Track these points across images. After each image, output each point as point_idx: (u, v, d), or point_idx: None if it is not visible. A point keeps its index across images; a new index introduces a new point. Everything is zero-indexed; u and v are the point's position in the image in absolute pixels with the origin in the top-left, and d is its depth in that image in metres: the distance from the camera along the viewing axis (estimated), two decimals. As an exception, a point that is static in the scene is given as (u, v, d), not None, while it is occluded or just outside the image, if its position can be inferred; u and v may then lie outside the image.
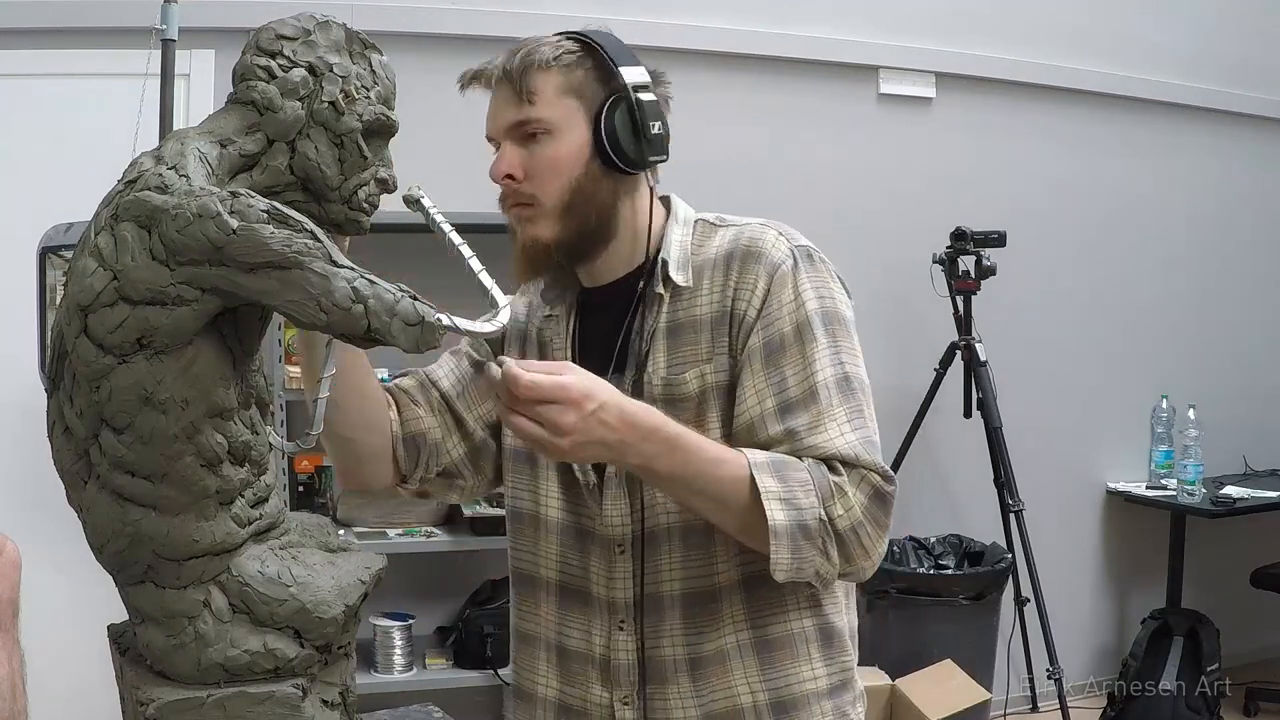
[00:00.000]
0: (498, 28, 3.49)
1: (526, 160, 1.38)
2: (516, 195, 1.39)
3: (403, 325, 1.00)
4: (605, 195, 1.39)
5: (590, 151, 1.37)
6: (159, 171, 1.03)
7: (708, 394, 1.38)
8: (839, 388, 1.34)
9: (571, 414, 1.19)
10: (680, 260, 1.41)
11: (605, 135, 1.36)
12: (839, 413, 1.33)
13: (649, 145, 1.37)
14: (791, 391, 1.34)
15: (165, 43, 2.57)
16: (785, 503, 1.27)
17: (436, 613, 3.47)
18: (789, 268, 1.37)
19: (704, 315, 1.39)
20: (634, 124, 1.36)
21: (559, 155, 1.37)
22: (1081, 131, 4.30)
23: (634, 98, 1.36)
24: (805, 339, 1.35)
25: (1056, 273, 4.27)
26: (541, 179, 1.37)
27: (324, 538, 1.23)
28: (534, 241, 1.39)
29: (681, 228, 1.44)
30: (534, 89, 1.37)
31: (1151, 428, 4.31)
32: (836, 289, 1.41)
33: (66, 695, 2.59)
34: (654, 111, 1.37)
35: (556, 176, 1.37)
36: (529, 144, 1.38)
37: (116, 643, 1.21)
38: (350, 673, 1.21)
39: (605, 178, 1.38)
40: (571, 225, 1.38)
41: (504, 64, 1.39)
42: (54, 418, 1.10)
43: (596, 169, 1.37)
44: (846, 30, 3.89)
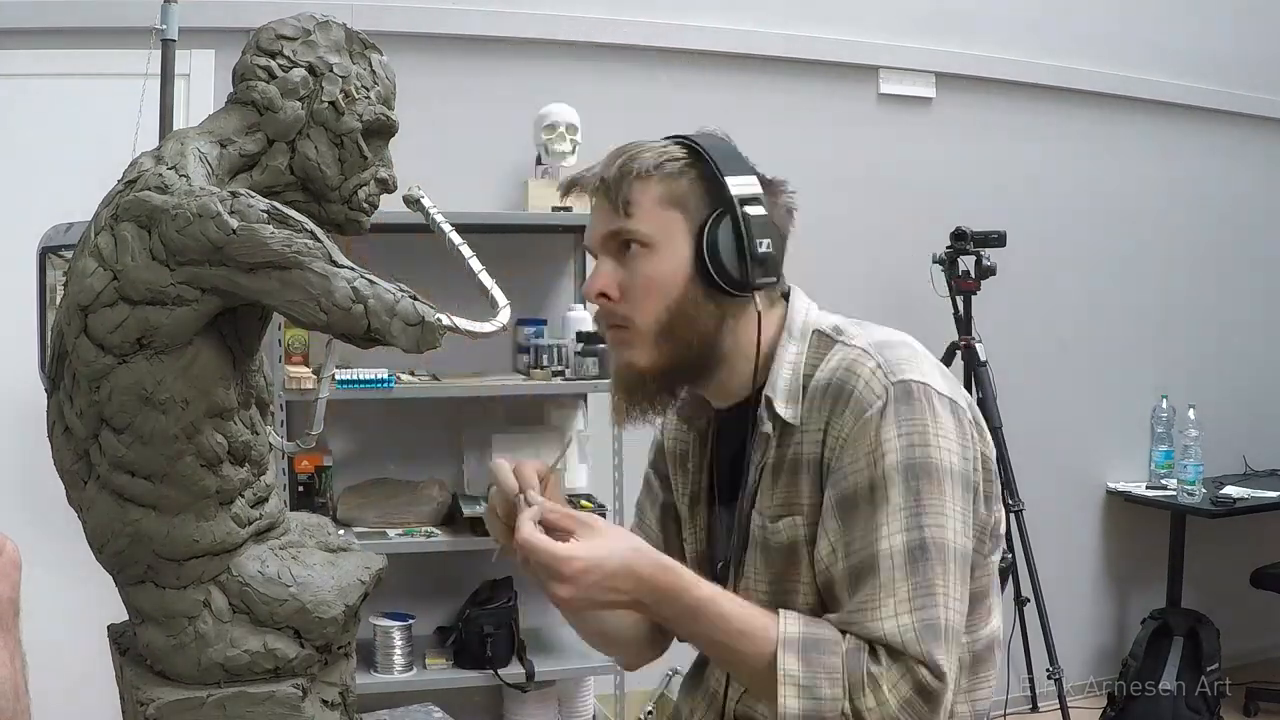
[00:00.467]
0: (498, 28, 3.49)
1: (623, 278, 1.27)
2: (611, 315, 1.29)
3: (403, 325, 1.00)
4: (707, 320, 1.27)
5: (692, 270, 1.26)
6: (159, 171, 1.03)
7: (799, 548, 1.27)
8: (907, 559, 1.19)
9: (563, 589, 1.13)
10: (789, 391, 1.29)
11: (707, 253, 1.25)
12: (900, 590, 1.18)
13: (756, 265, 1.25)
14: (855, 558, 1.21)
15: (165, 43, 2.57)
16: (804, 690, 1.16)
17: (436, 613, 3.47)
18: (877, 410, 1.22)
19: (805, 457, 1.27)
20: (739, 241, 1.25)
21: (656, 274, 1.26)
22: (1081, 131, 4.30)
23: (740, 211, 1.25)
24: (877, 499, 1.20)
25: (1056, 273, 4.26)
26: (637, 300, 1.27)
27: (324, 538, 1.23)
28: (629, 368, 1.29)
29: (796, 344, 1.31)
30: (631, 199, 1.26)
31: (1151, 428, 4.31)
32: (936, 433, 1.22)
33: (66, 695, 2.59)
34: (762, 228, 1.26)
35: (653, 297, 1.26)
36: (625, 258, 1.28)
37: (116, 643, 1.21)
38: (350, 673, 1.21)
39: (707, 300, 1.26)
40: (669, 351, 1.27)
41: (602, 171, 1.28)
42: (54, 418, 1.10)
43: (697, 290, 1.26)
44: (846, 30, 3.89)
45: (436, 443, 3.48)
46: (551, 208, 3.37)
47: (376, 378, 3.16)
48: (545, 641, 3.48)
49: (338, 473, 3.35)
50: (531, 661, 3.29)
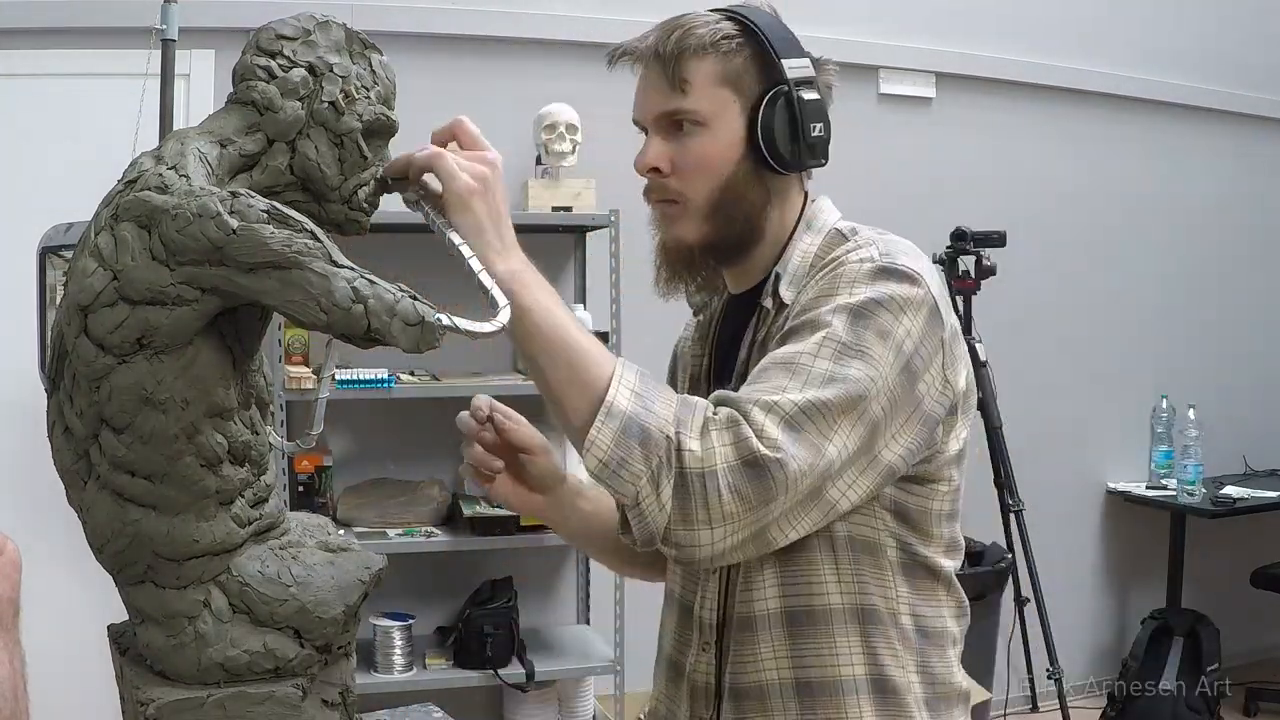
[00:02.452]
0: (498, 28, 3.49)
1: (675, 153, 1.28)
2: (662, 190, 1.30)
3: (403, 325, 1.00)
4: (756, 197, 1.28)
5: (744, 149, 1.27)
6: (159, 171, 1.03)
7: None
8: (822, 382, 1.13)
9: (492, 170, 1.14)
10: (795, 274, 1.29)
11: (761, 133, 1.25)
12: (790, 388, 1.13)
13: (807, 148, 1.27)
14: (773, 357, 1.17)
15: (165, 43, 2.57)
16: (637, 395, 1.11)
17: (436, 613, 3.47)
18: (856, 270, 1.21)
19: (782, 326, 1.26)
20: (793, 123, 1.26)
21: (710, 151, 1.26)
22: (1082, 131, 4.30)
23: (795, 94, 1.25)
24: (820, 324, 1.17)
25: (1056, 273, 4.27)
26: (690, 176, 1.27)
27: (324, 538, 1.23)
28: (677, 242, 1.30)
29: (813, 235, 1.32)
30: (687, 77, 1.26)
31: (1151, 428, 4.31)
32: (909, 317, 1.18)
33: (66, 695, 2.59)
34: (815, 111, 1.27)
35: (706, 174, 1.27)
36: (678, 136, 1.28)
37: (116, 643, 1.21)
38: (350, 673, 1.21)
39: (757, 179, 1.28)
40: (718, 227, 1.28)
41: (657, 44, 1.27)
42: (54, 418, 1.10)
43: (748, 169, 1.27)
44: (846, 30, 3.89)
45: (436, 443, 3.48)
46: (551, 208, 3.37)
47: (376, 378, 3.16)
48: (545, 641, 3.48)
49: (338, 473, 3.35)
50: (531, 661, 3.29)
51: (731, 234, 1.29)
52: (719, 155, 1.27)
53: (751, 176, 1.28)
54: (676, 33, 1.27)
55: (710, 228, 1.29)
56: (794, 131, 1.26)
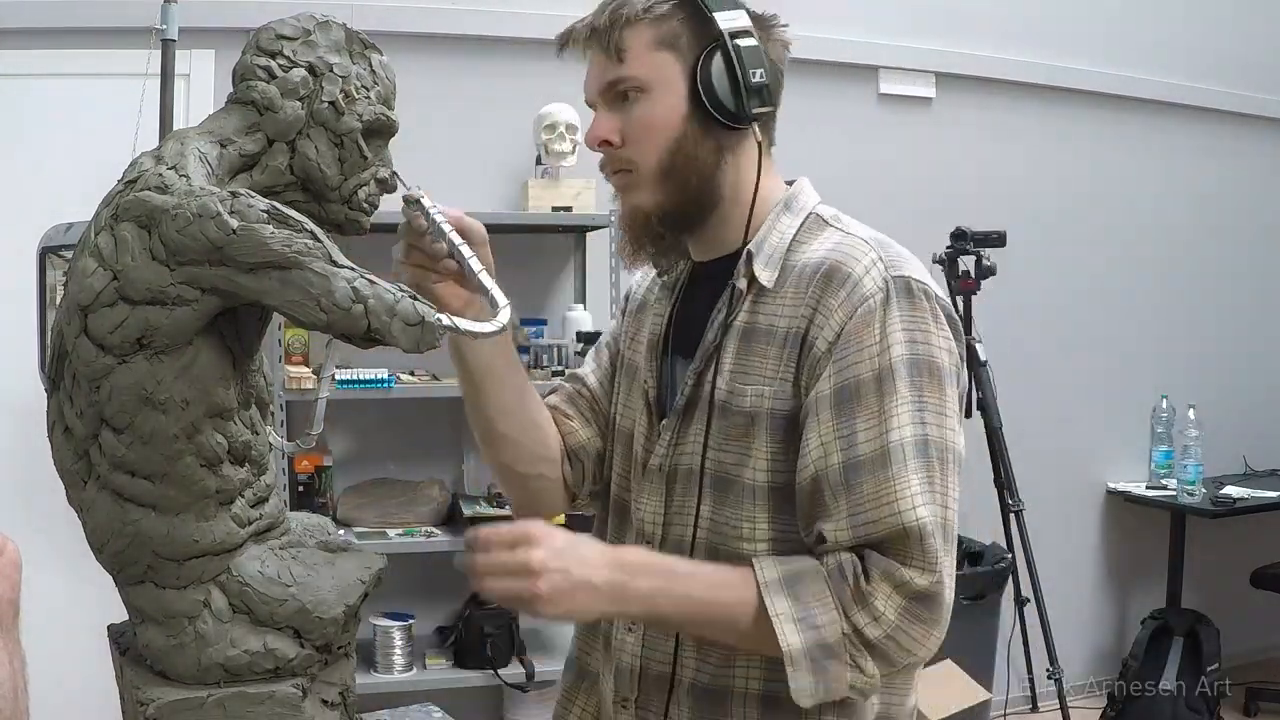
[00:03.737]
0: (498, 28, 3.49)
1: (622, 123, 1.28)
2: (614, 161, 1.30)
3: (403, 325, 1.00)
4: (707, 155, 1.27)
5: (688, 108, 1.26)
6: (159, 171, 1.03)
7: (759, 417, 1.25)
8: (916, 451, 1.17)
9: (538, 550, 1.13)
10: (772, 255, 1.29)
11: (702, 88, 1.25)
12: (914, 481, 1.17)
13: (751, 95, 1.25)
14: (861, 449, 1.18)
15: (165, 43, 2.57)
16: (800, 624, 1.15)
17: (436, 613, 3.47)
18: (878, 302, 1.21)
19: (779, 328, 1.26)
20: (731, 73, 1.24)
21: (654, 115, 1.26)
22: (1081, 131, 4.30)
23: (731, 44, 1.24)
24: (885, 391, 1.18)
25: (1056, 273, 4.26)
26: (638, 142, 1.27)
27: (324, 538, 1.23)
28: (634, 210, 1.30)
29: (791, 217, 1.31)
30: (624, 45, 1.26)
31: (1151, 428, 4.31)
32: (936, 333, 1.22)
33: (66, 695, 2.59)
34: (755, 58, 1.25)
35: (653, 138, 1.27)
36: (623, 105, 1.28)
37: (116, 643, 1.21)
38: (350, 673, 1.21)
39: (706, 136, 1.26)
40: (672, 190, 1.28)
41: (592, 21, 1.29)
42: (54, 418, 1.10)
43: (696, 127, 1.26)
44: (846, 30, 3.89)
45: (436, 443, 3.48)
46: (551, 208, 3.37)
47: (376, 378, 3.16)
48: (545, 641, 3.48)
49: (338, 473, 3.35)
50: (531, 661, 3.29)
51: (687, 196, 1.28)
52: (664, 117, 1.26)
53: (700, 134, 1.27)
54: (611, 5, 1.28)
55: (665, 193, 1.28)
56: (734, 81, 1.25)
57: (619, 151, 1.29)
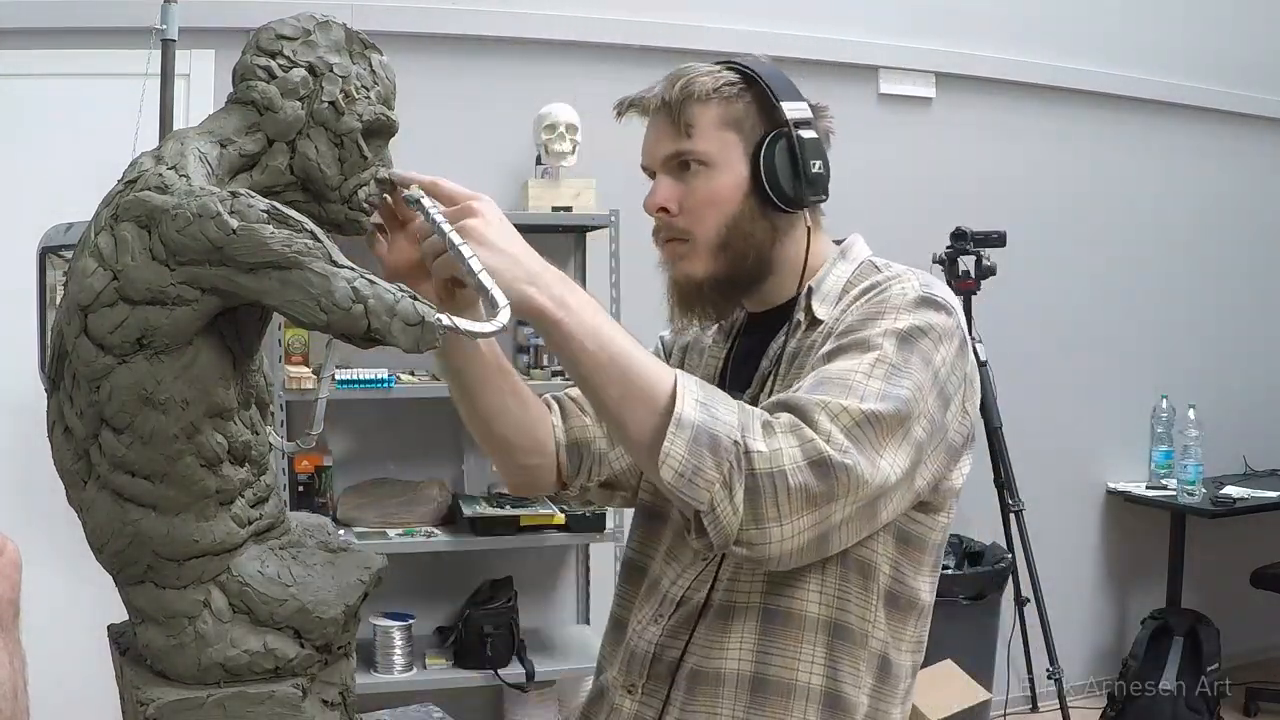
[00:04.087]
0: (498, 28, 3.49)
1: (682, 194, 1.33)
2: (670, 230, 1.35)
3: (403, 325, 1.00)
4: (762, 234, 1.34)
5: (748, 188, 1.32)
6: (159, 171, 1.03)
7: None
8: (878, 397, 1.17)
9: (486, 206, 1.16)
10: (829, 294, 1.35)
11: (764, 172, 1.31)
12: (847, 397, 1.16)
13: (808, 185, 1.32)
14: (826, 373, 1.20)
15: (165, 43, 2.57)
16: (702, 405, 1.13)
17: (436, 613, 3.47)
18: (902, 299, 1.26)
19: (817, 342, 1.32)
20: (794, 161, 1.32)
21: (715, 190, 1.32)
22: (1082, 131, 4.30)
23: (795, 134, 1.32)
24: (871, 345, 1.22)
25: (1056, 273, 4.27)
26: (697, 214, 1.33)
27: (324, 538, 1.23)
28: (687, 279, 1.35)
29: (846, 264, 1.38)
30: (692, 121, 1.32)
31: (1151, 428, 4.31)
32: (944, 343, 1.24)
33: (66, 695, 2.60)
34: (815, 149, 1.33)
35: (712, 212, 1.32)
36: (684, 177, 1.34)
37: (116, 643, 1.21)
38: (350, 673, 1.21)
39: (762, 216, 1.33)
40: (726, 263, 1.34)
41: (663, 93, 1.34)
42: (54, 418, 1.10)
43: (753, 206, 1.33)
44: (846, 30, 3.90)
45: (436, 443, 3.48)
46: (551, 208, 3.37)
47: (376, 378, 3.17)
48: (545, 641, 3.48)
49: (338, 473, 3.35)
50: (531, 661, 3.30)
51: (741, 269, 1.35)
52: (724, 194, 1.32)
53: (756, 213, 1.33)
54: (681, 81, 1.33)
55: (719, 263, 1.34)
56: (795, 169, 1.32)
57: (675, 220, 1.34)
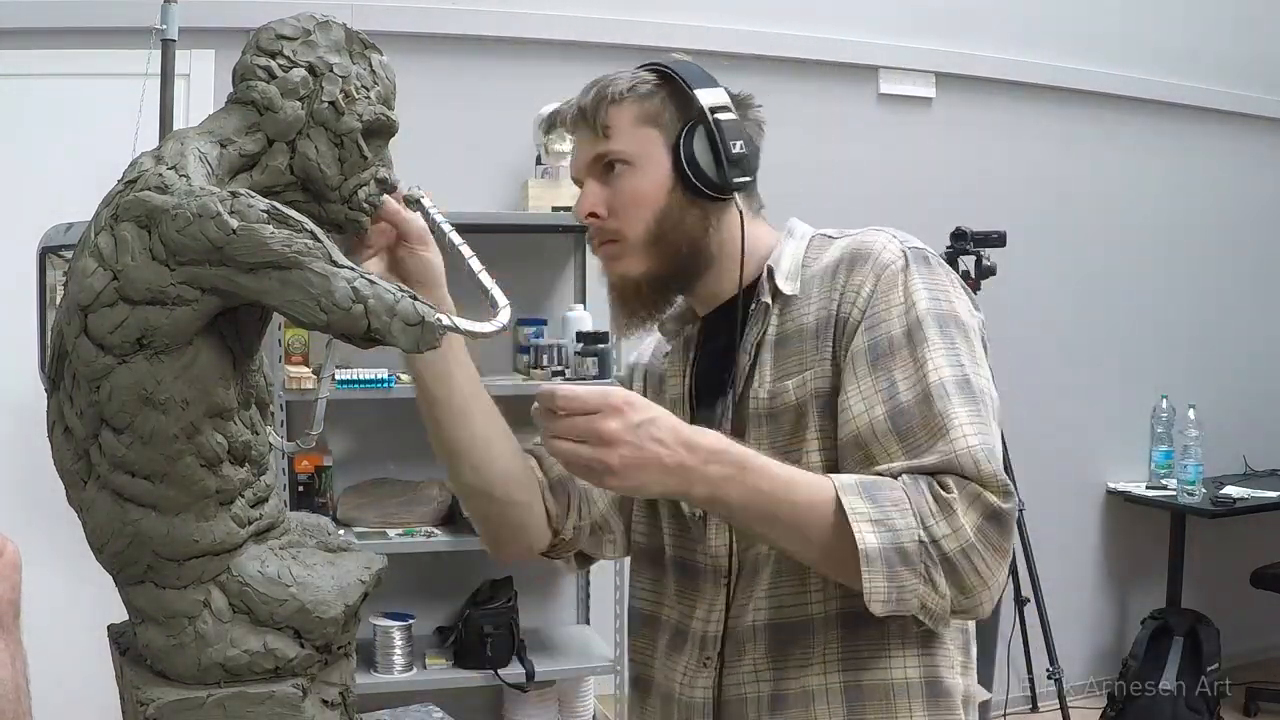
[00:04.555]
0: (498, 28, 3.49)
1: (609, 196, 1.35)
2: (602, 233, 1.36)
3: (403, 325, 1.00)
4: (693, 223, 1.34)
5: (672, 180, 1.33)
6: (159, 171, 1.03)
7: (806, 403, 1.29)
8: (959, 389, 1.22)
9: (615, 420, 1.10)
10: (790, 270, 1.35)
11: (685, 161, 1.32)
12: (961, 414, 1.20)
13: (732, 166, 1.33)
14: (903, 396, 1.22)
15: (165, 43, 2.57)
16: (878, 525, 1.14)
17: (436, 613, 3.47)
18: (899, 267, 1.28)
19: (809, 323, 1.31)
20: (713, 146, 1.32)
21: (640, 187, 1.33)
22: (1081, 131, 4.30)
23: (711, 119, 1.32)
24: (916, 340, 1.24)
25: (1056, 273, 4.27)
26: (624, 213, 1.34)
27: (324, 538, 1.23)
28: (623, 279, 1.36)
29: (797, 242, 1.38)
30: (608, 123, 1.34)
31: (1151, 428, 4.31)
32: (956, 294, 1.30)
33: (66, 695, 2.59)
34: (735, 131, 1.33)
35: (639, 209, 1.33)
36: (609, 178, 1.35)
37: (116, 643, 1.21)
38: (350, 673, 1.21)
39: (691, 205, 1.33)
40: (660, 258, 1.34)
41: (579, 102, 1.37)
42: (54, 418, 1.10)
43: (680, 197, 1.33)
44: (846, 30, 3.90)
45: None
46: (551, 208, 3.37)
47: (376, 378, 3.17)
48: (545, 641, 3.48)
49: (338, 473, 3.35)
50: (531, 661, 3.30)
51: (676, 262, 1.34)
52: (649, 189, 1.33)
53: (685, 204, 1.33)
54: (595, 88, 1.36)
55: (653, 260, 1.34)
56: (716, 153, 1.32)
57: (605, 223, 1.35)
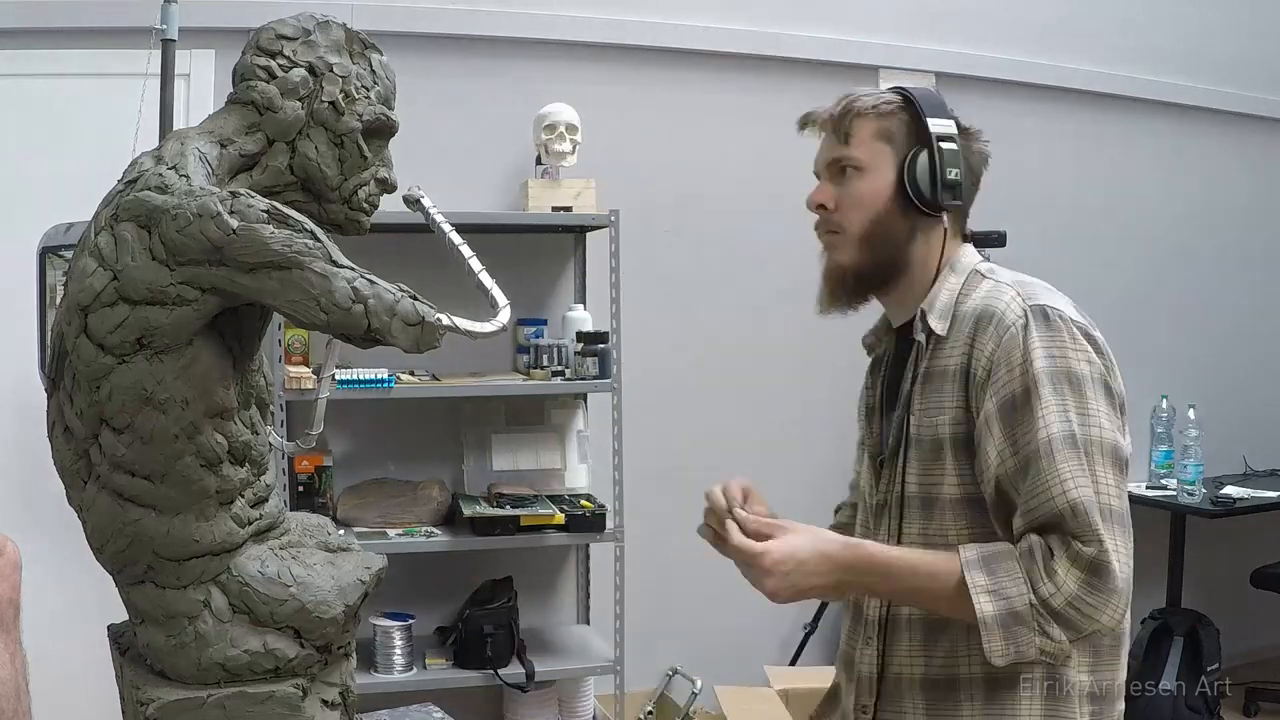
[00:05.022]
0: (498, 28, 3.49)
1: (838, 194, 1.54)
2: (827, 223, 1.55)
3: (403, 325, 1.00)
4: (901, 231, 1.53)
5: (893, 191, 1.52)
6: (159, 171, 1.03)
7: (943, 444, 1.47)
8: (1063, 444, 1.38)
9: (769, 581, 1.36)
10: (943, 309, 1.52)
11: (906, 177, 1.51)
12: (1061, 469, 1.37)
13: (945, 189, 1.51)
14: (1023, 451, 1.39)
15: (165, 43, 2.57)
16: (993, 595, 1.35)
17: (436, 613, 3.47)
18: (1019, 329, 1.43)
19: (950, 367, 1.48)
20: (933, 169, 1.51)
21: (865, 191, 1.52)
22: (1081, 131, 4.30)
23: (936, 145, 1.51)
24: (1032, 399, 1.40)
25: (1056, 273, 4.22)
26: (848, 210, 1.53)
27: (324, 538, 1.23)
28: (836, 266, 1.55)
29: (956, 277, 1.55)
30: (851, 131, 1.54)
31: (1151, 428, 4.30)
32: (1074, 348, 1.45)
33: (66, 695, 2.59)
34: (954, 159, 1.52)
35: (861, 209, 1.52)
36: (842, 179, 1.54)
37: (116, 643, 1.21)
38: (350, 673, 1.21)
39: (904, 216, 1.52)
40: (868, 254, 1.53)
41: (831, 110, 1.57)
42: (54, 418, 1.10)
43: (897, 207, 1.52)
44: (846, 30, 3.89)
45: (436, 443, 3.48)
46: (551, 208, 3.37)
47: (376, 378, 3.16)
48: (545, 641, 3.48)
49: (338, 473, 3.35)
50: (531, 661, 3.29)
51: (880, 260, 1.53)
52: (873, 195, 1.52)
53: (898, 213, 1.52)
54: (847, 99, 1.57)
55: (863, 254, 1.53)
56: (933, 175, 1.51)
57: (831, 215, 1.55)
